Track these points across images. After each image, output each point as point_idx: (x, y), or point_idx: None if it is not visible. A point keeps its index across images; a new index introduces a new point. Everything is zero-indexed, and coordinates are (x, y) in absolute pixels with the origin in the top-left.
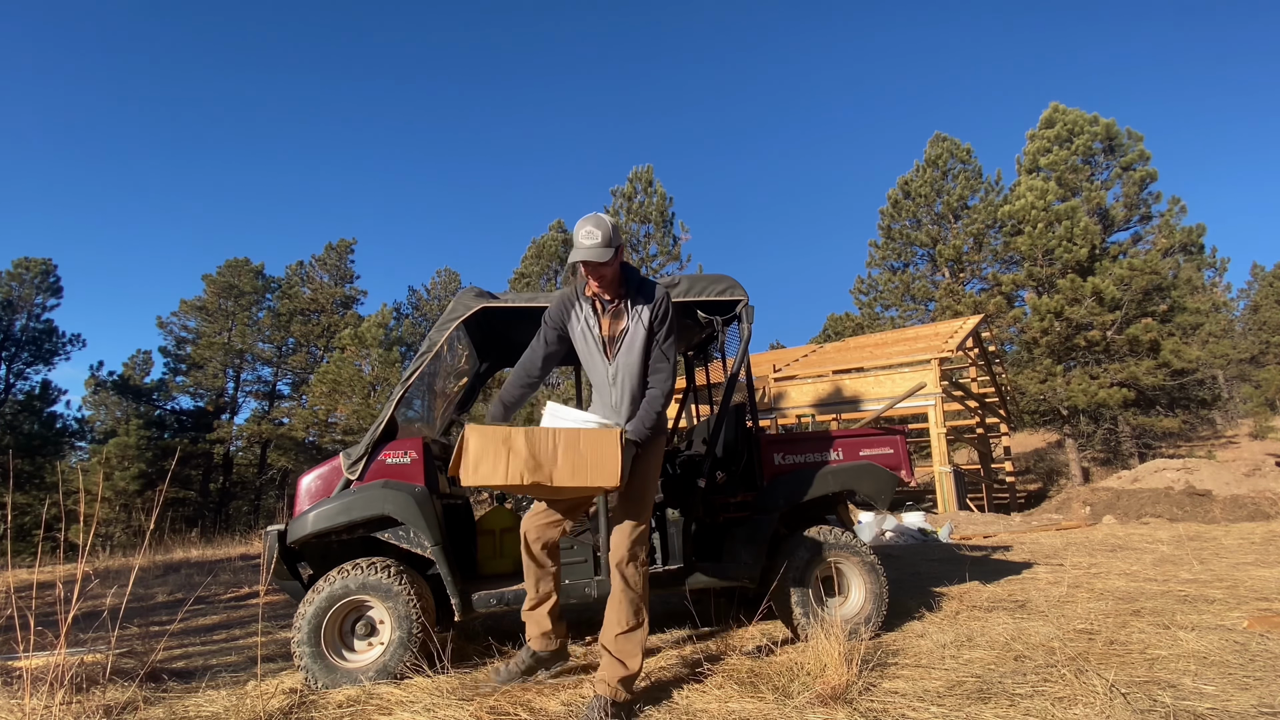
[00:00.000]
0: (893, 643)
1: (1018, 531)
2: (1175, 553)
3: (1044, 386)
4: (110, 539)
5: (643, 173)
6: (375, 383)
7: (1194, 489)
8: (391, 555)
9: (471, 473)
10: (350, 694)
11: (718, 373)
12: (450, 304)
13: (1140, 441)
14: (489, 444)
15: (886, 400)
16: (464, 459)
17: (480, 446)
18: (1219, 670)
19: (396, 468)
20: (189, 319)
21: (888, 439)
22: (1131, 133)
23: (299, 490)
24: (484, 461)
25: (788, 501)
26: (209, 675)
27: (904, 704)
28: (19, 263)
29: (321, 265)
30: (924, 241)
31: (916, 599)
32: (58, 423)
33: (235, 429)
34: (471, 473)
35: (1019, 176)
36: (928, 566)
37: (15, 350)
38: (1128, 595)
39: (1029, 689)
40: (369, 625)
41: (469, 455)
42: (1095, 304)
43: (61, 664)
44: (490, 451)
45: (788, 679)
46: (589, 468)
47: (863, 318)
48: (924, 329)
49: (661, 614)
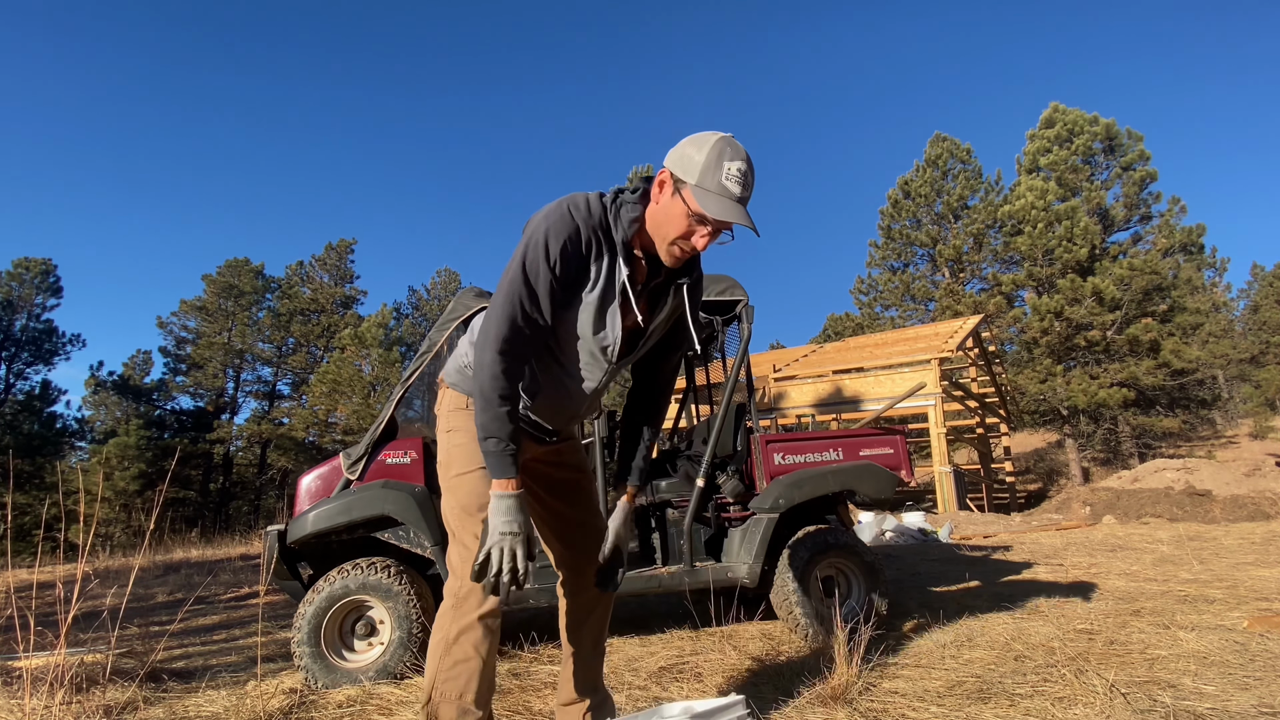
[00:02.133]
0: (893, 643)
1: (1018, 531)
2: (1175, 553)
3: (1044, 386)
4: (110, 539)
5: (643, 172)
6: (375, 383)
7: (1194, 489)
8: (391, 555)
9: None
10: (350, 694)
11: (718, 373)
12: (450, 304)
13: (1140, 441)
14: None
15: (886, 400)
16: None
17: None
18: (1219, 670)
19: (396, 468)
20: (189, 319)
21: (888, 439)
22: (1131, 133)
23: (299, 490)
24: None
25: (788, 501)
26: (209, 675)
27: (904, 704)
28: (19, 263)
29: (321, 265)
30: (924, 241)
31: (916, 599)
32: (58, 423)
33: (235, 429)
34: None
35: (1019, 176)
36: (928, 566)
37: (15, 350)
38: (1128, 595)
39: (1029, 689)
40: (369, 625)
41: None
42: (1095, 304)
43: (61, 664)
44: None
45: (788, 679)
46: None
47: (863, 318)
48: (924, 329)
49: (661, 614)
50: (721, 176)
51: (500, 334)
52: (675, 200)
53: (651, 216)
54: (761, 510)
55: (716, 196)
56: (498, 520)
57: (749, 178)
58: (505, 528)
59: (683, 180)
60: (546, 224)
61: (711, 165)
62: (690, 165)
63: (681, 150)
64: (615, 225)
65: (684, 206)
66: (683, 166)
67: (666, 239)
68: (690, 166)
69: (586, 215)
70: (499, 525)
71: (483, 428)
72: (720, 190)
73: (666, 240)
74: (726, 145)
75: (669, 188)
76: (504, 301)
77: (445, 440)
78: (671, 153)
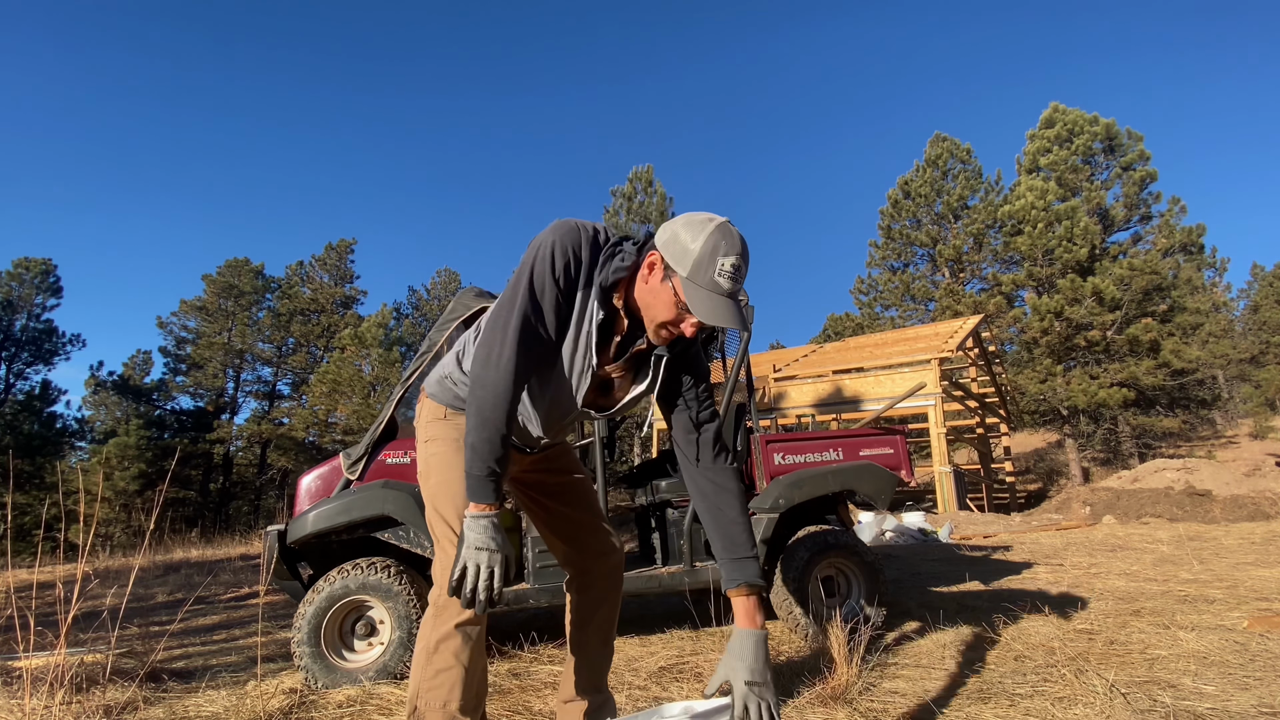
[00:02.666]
0: (893, 643)
1: (1018, 531)
2: (1175, 553)
3: (1044, 386)
4: (110, 539)
5: (643, 173)
6: (375, 383)
7: (1194, 489)
8: (391, 555)
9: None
10: (350, 694)
11: (718, 373)
12: (450, 304)
13: (1140, 441)
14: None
15: (886, 400)
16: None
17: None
18: (1219, 670)
19: (396, 468)
20: (189, 319)
21: (888, 439)
22: (1131, 133)
23: (299, 490)
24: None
25: (788, 501)
26: (209, 675)
27: (904, 704)
28: (19, 263)
29: (321, 265)
30: (924, 241)
31: (916, 599)
32: (58, 423)
33: (235, 429)
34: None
35: (1019, 176)
36: (928, 566)
37: (15, 350)
38: (1128, 595)
39: (1029, 689)
40: (369, 625)
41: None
42: (1095, 304)
43: (61, 664)
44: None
45: (788, 679)
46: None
47: (863, 318)
48: (924, 329)
49: (661, 614)
50: (714, 273)
51: (505, 351)
52: (665, 287)
53: (640, 295)
54: (761, 510)
55: (707, 294)
56: (472, 537)
57: (741, 271)
58: (480, 544)
59: (674, 269)
60: (554, 236)
61: (705, 261)
62: (683, 256)
63: (675, 234)
64: (600, 266)
65: (673, 295)
66: (675, 254)
67: (654, 321)
68: (683, 257)
69: (592, 238)
70: (473, 541)
71: (472, 448)
72: (711, 287)
73: (654, 322)
74: (721, 239)
75: (659, 272)
76: (509, 316)
77: (423, 450)
78: (664, 231)
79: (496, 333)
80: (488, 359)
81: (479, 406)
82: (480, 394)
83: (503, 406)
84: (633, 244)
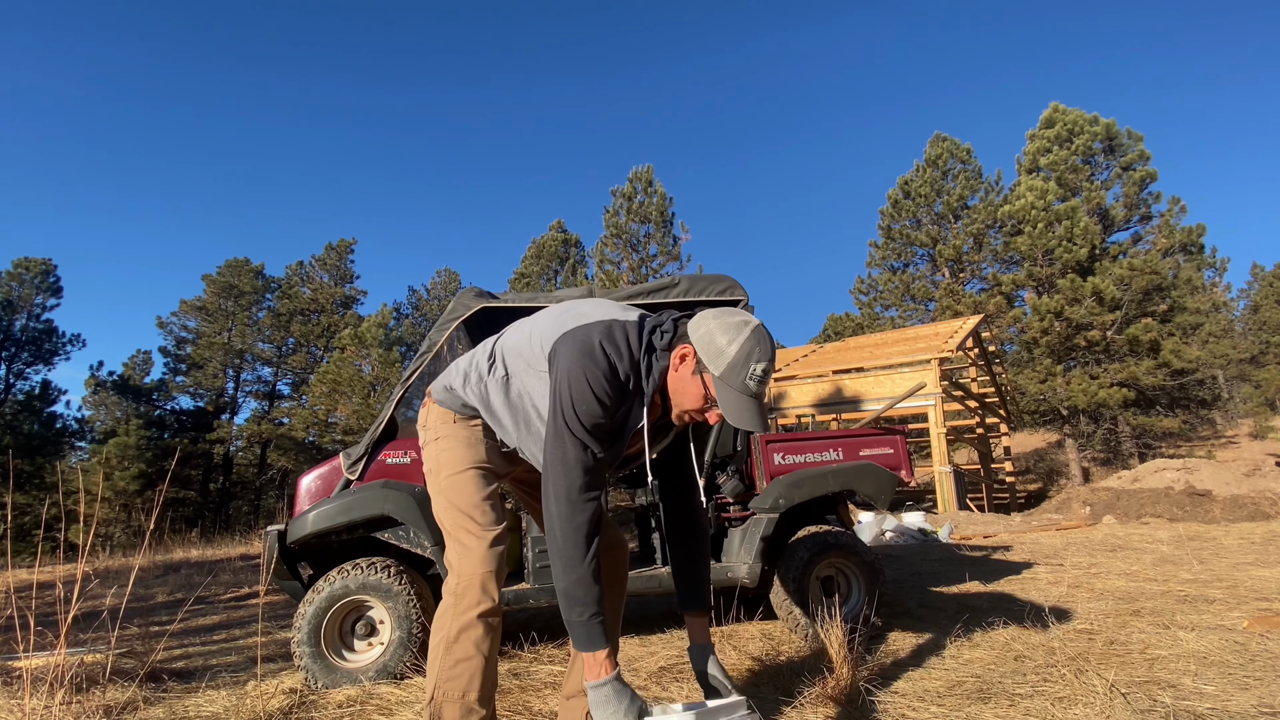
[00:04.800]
0: (893, 643)
1: (1018, 531)
2: (1175, 553)
3: (1044, 386)
4: (110, 539)
5: (643, 173)
6: (375, 383)
7: (1194, 489)
8: (391, 555)
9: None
10: (350, 694)
11: None
12: (450, 304)
13: (1140, 441)
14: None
15: (886, 400)
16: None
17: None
18: (1219, 670)
19: (396, 468)
20: (189, 319)
21: (888, 439)
22: (1131, 133)
23: (299, 490)
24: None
25: (788, 501)
26: (209, 675)
27: (904, 704)
28: (19, 263)
29: (321, 265)
30: (924, 241)
31: (916, 599)
32: (58, 423)
33: (235, 429)
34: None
35: (1019, 176)
36: (928, 566)
37: (15, 350)
38: (1128, 595)
39: (1029, 689)
40: (369, 625)
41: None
42: (1095, 304)
43: (61, 664)
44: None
45: (788, 679)
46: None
47: (863, 318)
48: (924, 329)
49: (661, 614)
50: (745, 377)
51: (571, 485)
52: (695, 380)
53: (670, 383)
54: (761, 510)
55: (737, 395)
56: (605, 715)
57: (769, 375)
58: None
59: (706, 366)
60: (597, 371)
61: (739, 365)
62: (718, 357)
63: (710, 332)
64: (646, 376)
65: (703, 389)
66: (709, 353)
67: (680, 407)
68: (718, 358)
69: (628, 358)
70: (607, 716)
71: (566, 595)
72: (742, 389)
73: (680, 408)
74: (755, 345)
75: (690, 364)
76: (567, 452)
77: (433, 447)
78: (698, 325)
79: (557, 469)
80: (557, 496)
81: (559, 547)
82: (557, 534)
83: (581, 536)
84: (664, 334)
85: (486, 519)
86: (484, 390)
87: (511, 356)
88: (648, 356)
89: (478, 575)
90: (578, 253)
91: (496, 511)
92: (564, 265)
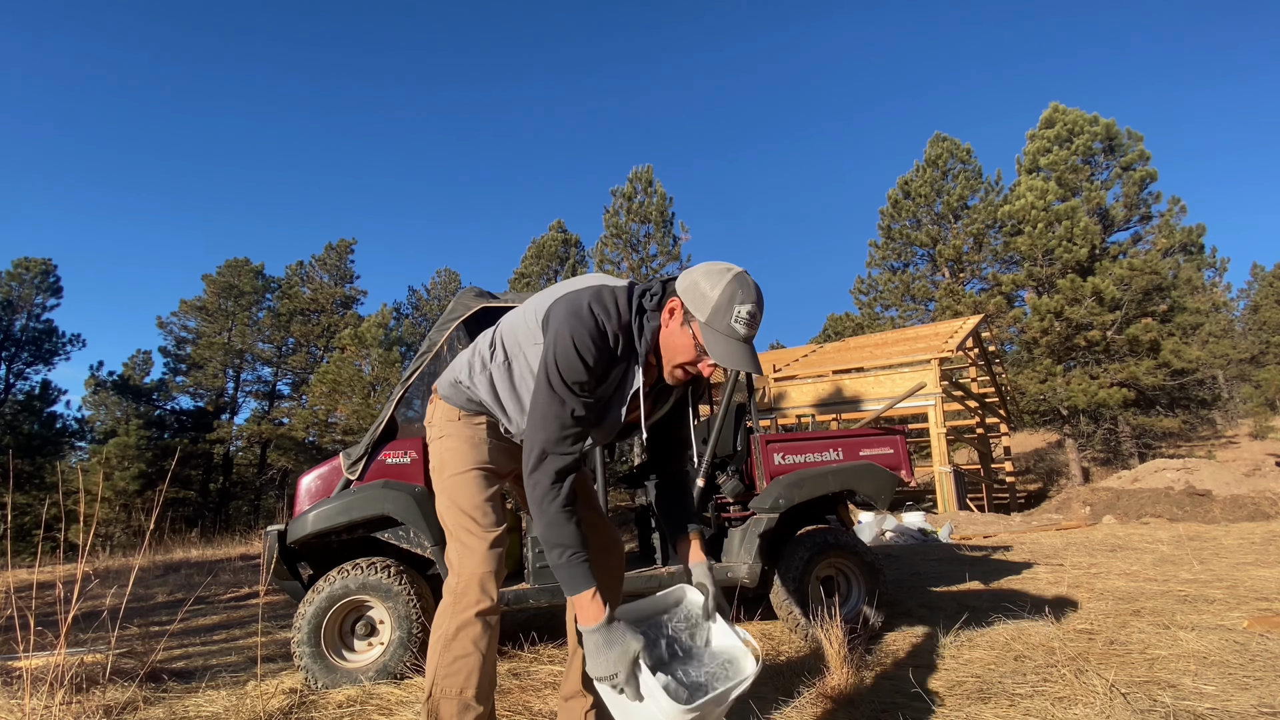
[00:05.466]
0: (893, 643)
1: (1018, 531)
2: (1175, 553)
3: (1044, 386)
4: (110, 539)
5: (643, 173)
6: (375, 383)
7: (1194, 489)
8: (391, 555)
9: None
10: (350, 694)
11: (718, 373)
12: (450, 304)
13: (1140, 441)
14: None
15: (886, 400)
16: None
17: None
18: (1219, 670)
19: (396, 468)
20: (189, 319)
21: (888, 439)
22: (1131, 133)
23: (299, 490)
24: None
25: (788, 501)
26: (209, 675)
27: (904, 704)
28: (19, 263)
29: (321, 265)
30: (924, 241)
31: (916, 599)
32: (58, 423)
33: (235, 429)
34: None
35: (1019, 176)
36: (928, 566)
37: (15, 350)
38: (1128, 595)
39: (1029, 689)
40: (369, 625)
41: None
42: (1095, 304)
43: (61, 664)
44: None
45: (788, 679)
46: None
47: (863, 318)
48: (924, 329)
49: None
50: (731, 319)
51: (548, 437)
52: (684, 331)
53: (661, 338)
54: (761, 510)
55: (725, 338)
56: (594, 664)
57: (757, 318)
58: (607, 669)
59: (693, 315)
60: (584, 331)
61: (723, 307)
62: (702, 302)
63: (694, 281)
64: (640, 336)
65: (692, 339)
66: (694, 301)
67: (673, 361)
68: (702, 303)
69: (616, 319)
70: (594, 670)
71: (544, 540)
72: (729, 332)
73: (673, 363)
74: (739, 287)
75: (679, 317)
76: (547, 406)
77: (437, 445)
78: (684, 278)
79: (537, 429)
80: (537, 458)
81: (537, 501)
82: (535, 491)
83: (559, 494)
84: (651, 295)
85: (488, 520)
86: (488, 378)
87: (510, 338)
88: (639, 318)
89: (477, 575)
90: (578, 253)
91: (497, 513)
92: (564, 265)
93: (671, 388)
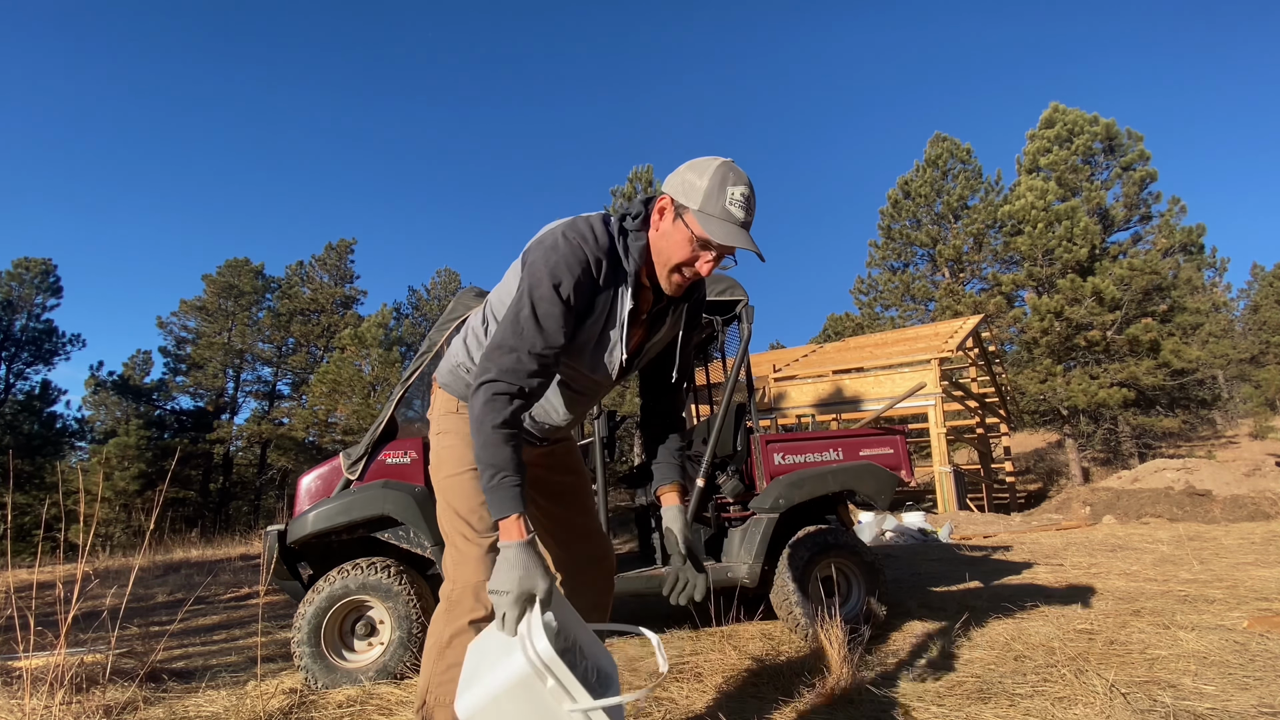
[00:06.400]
0: (893, 643)
1: (1018, 531)
2: (1175, 553)
3: (1044, 386)
4: (110, 539)
5: (643, 173)
6: (375, 383)
7: (1194, 489)
8: (391, 555)
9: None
10: (350, 694)
11: (718, 373)
12: (450, 304)
13: (1140, 441)
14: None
15: (886, 400)
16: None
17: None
18: (1219, 670)
19: (396, 468)
20: (189, 319)
21: (888, 439)
22: (1131, 133)
23: (299, 490)
24: None
25: (788, 501)
26: (209, 675)
27: (904, 704)
28: (19, 263)
29: (321, 265)
30: (924, 241)
31: (916, 599)
32: (58, 423)
33: (235, 429)
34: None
35: (1019, 176)
36: (928, 566)
37: (15, 350)
38: (1128, 595)
39: (1029, 689)
40: (369, 625)
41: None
42: (1095, 304)
43: (61, 664)
44: None
45: (788, 679)
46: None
47: (863, 318)
48: (924, 329)
49: (662, 614)
50: (725, 201)
51: (502, 366)
52: (678, 226)
53: (653, 243)
54: (761, 510)
55: (720, 221)
56: (498, 578)
57: (751, 202)
58: (502, 585)
59: (684, 206)
60: (556, 256)
61: (714, 191)
62: (692, 191)
63: (682, 176)
64: (626, 256)
65: (687, 232)
66: (684, 192)
67: (668, 265)
68: (692, 192)
69: (594, 243)
70: (496, 583)
71: (478, 460)
72: (724, 215)
73: (668, 266)
74: (729, 170)
75: (670, 213)
76: (513, 338)
77: (436, 443)
78: (671, 178)
79: (495, 353)
80: (487, 378)
81: (477, 419)
82: (475, 408)
83: (501, 416)
84: (634, 216)
85: (484, 524)
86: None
87: (498, 306)
88: (623, 239)
89: (471, 583)
90: None
91: None
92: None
93: (666, 317)
